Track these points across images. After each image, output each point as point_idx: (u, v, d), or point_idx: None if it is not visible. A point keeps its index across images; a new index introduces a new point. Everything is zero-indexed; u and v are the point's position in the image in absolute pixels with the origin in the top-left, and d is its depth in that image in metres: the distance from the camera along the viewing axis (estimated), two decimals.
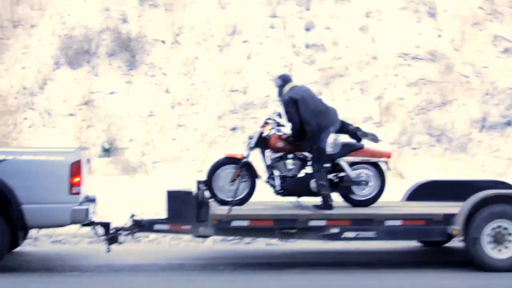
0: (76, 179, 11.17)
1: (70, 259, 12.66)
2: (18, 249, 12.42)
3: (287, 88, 12.18)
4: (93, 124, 19.92)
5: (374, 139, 12.52)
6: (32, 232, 12.93)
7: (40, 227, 12.17)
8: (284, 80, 12.40)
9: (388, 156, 12.73)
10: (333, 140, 12.09)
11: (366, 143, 12.47)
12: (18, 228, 11.46)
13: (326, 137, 11.83)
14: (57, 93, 20.75)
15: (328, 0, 22.76)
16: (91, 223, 11.91)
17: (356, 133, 12.36)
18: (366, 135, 12.37)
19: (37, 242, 13.82)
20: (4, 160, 11.13)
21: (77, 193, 11.21)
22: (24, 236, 12.11)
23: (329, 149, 11.92)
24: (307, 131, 11.86)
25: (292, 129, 12.03)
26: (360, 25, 22.11)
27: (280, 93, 12.25)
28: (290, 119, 12.02)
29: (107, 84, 20.94)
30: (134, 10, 22.43)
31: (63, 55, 21.53)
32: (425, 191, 13.54)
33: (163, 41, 21.87)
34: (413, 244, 13.56)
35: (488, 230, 11.13)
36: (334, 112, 12.23)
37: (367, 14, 22.34)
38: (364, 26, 22.10)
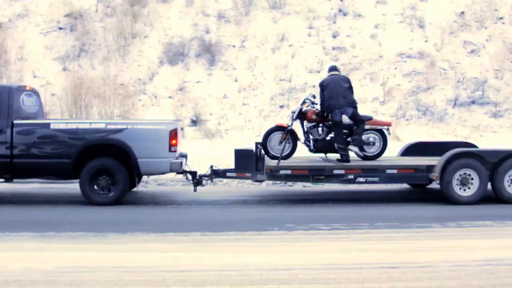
0: (174, 141, 11.24)
1: (169, 196, 12.75)
2: (134, 189, 12.52)
3: (327, 75, 12.30)
4: (185, 104, 19.94)
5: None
6: (144, 178, 13.02)
7: (149, 174, 12.29)
8: (329, 69, 12.46)
9: (389, 124, 12.64)
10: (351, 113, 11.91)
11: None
12: (135, 175, 11.60)
13: (335, 115, 11.68)
14: (161, 82, 20.80)
15: (348, 16, 22.49)
16: (184, 172, 12.00)
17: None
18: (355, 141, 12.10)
19: (147, 185, 13.92)
20: (126, 128, 11.25)
21: (174, 151, 11.29)
22: (139, 180, 12.23)
23: (347, 121, 11.79)
24: (324, 109, 11.92)
25: (320, 105, 12.09)
26: (371, 33, 21.81)
27: None
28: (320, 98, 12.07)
29: (195, 76, 20.92)
30: (214, 25, 22.35)
31: (165, 56, 21.54)
32: (414, 149, 13.41)
33: (233, 46, 21.76)
34: (405, 186, 13.44)
35: (457, 176, 11.18)
36: (347, 100, 11.84)
37: (375, 26, 22.03)
38: (373, 34, 21.79)
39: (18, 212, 10.64)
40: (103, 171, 11.18)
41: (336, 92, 11.80)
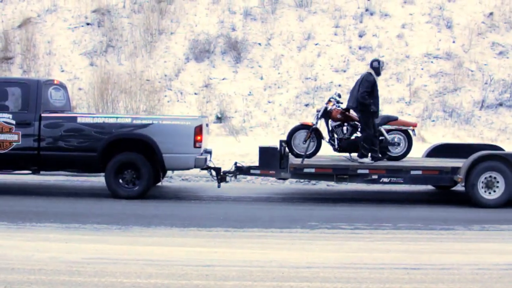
0: (199, 137, 11.29)
1: (193, 191, 12.82)
2: (159, 184, 12.60)
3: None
4: (211, 100, 20.02)
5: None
6: (168, 173, 13.10)
7: (174, 169, 12.36)
8: (380, 64, 12.22)
9: (414, 125, 12.59)
10: None
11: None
12: (160, 170, 11.68)
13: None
14: (187, 79, 20.90)
15: (375, 16, 22.40)
16: (208, 168, 12.07)
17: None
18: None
19: (171, 180, 14.03)
20: (152, 123, 11.33)
21: (199, 147, 11.35)
22: (163, 175, 12.30)
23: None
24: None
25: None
26: (397, 33, 21.70)
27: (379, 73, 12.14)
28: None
29: (221, 73, 20.99)
30: (240, 22, 22.41)
31: (191, 53, 21.64)
32: (439, 150, 13.33)
33: (259, 44, 21.79)
34: (429, 187, 13.37)
35: (482, 179, 11.09)
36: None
37: (402, 26, 21.91)
38: (400, 34, 21.68)
39: (44, 203, 10.78)
40: (128, 165, 11.29)
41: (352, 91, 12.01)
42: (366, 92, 11.60)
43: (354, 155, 12.26)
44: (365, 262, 6.96)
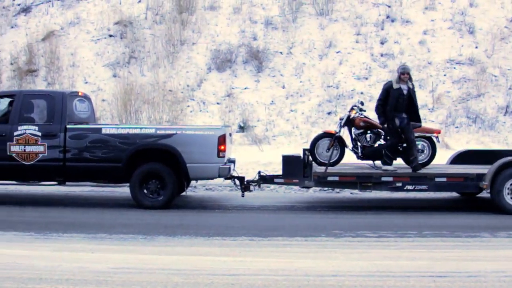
0: (222, 147, 11.34)
1: (217, 201, 12.86)
2: (183, 193, 12.66)
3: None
4: (233, 110, 20.08)
5: None
6: (192, 183, 13.15)
7: (198, 179, 12.44)
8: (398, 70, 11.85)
9: (438, 132, 12.55)
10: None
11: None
12: (184, 179, 11.74)
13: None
14: (209, 89, 21.00)
15: (396, 23, 22.37)
16: (232, 177, 12.09)
17: None
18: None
19: (195, 189, 14.08)
20: (175, 133, 11.40)
21: (223, 156, 11.38)
22: (188, 185, 12.35)
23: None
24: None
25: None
26: (419, 40, 21.65)
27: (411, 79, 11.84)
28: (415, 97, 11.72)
29: (243, 82, 21.07)
30: (261, 31, 22.49)
31: (213, 63, 21.75)
32: (464, 157, 13.22)
33: (281, 52, 21.84)
34: (454, 194, 13.28)
35: (508, 185, 11.01)
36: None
37: (424, 32, 21.86)
38: (422, 40, 21.62)
39: (70, 214, 10.88)
40: (152, 175, 11.37)
41: None
42: (379, 100, 11.68)
43: (378, 162, 12.24)
44: (390, 270, 6.94)
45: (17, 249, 8.00)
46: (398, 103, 11.47)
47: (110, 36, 22.94)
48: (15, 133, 11.51)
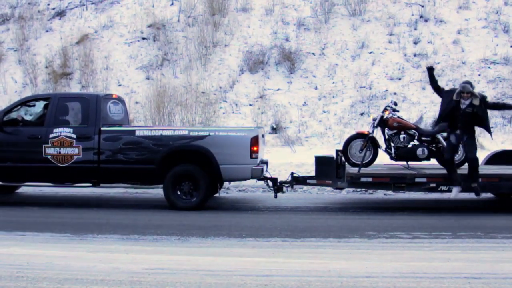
0: (255, 148, 11.37)
1: (250, 202, 12.89)
2: (216, 195, 12.72)
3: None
4: (265, 111, 20.11)
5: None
6: (225, 184, 13.20)
7: (231, 180, 12.43)
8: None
9: None
10: (433, 121, 11.76)
11: None
12: (217, 181, 11.79)
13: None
14: (241, 90, 21.06)
15: (430, 22, 22.19)
16: (264, 178, 12.12)
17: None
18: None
19: (228, 191, 14.13)
20: (208, 135, 11.45)
21: (256, 158, 11.42)
22: (221, 186, 12.40)
23: (430, 128, 11.66)
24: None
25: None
26: (453, 39, 21.44)
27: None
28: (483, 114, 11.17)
29: (275, 84, 21.09)
30: (293, 33, 22.49)
31: (245, 64, 21.80)
32: (499, 157, 13.10)
33: (313, 54, 21.81)
34: (489, 195, 13.12)
35: None
36: None
37: (458, 32, 21.64)
38: (456, 39, 21.41)
39: (105, 215, 11.00)
40: (186, 177, 11.44)
41: None
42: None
43: (411, 163, 12.17)
44: (424, 272, 6.89)
45: (53, 250, 8.13)
46: (454, 116, 11.12)
47: (143, 39, 23.15)
48: (51, 136, 11.69)
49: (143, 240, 8.78)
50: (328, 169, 11.70)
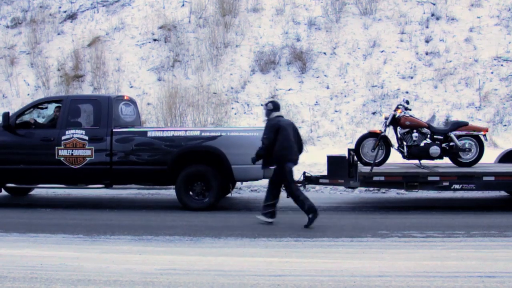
0: None
1: (262, 202, 12.85)
2: (228, 195, 12.73)
3: (275, 114, 10.28)
4: None
5: None
6: (237, 184, 13.21)
7: (243, 180, 12.46)
8: (275, 107, 10.40)
9: (485, 130, 12.32)
10: (445, 119, 11.72)
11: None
12: (229, 181, 11.80)
13: (288, 167, 9.97)
14: (253, 90, 21.06)
15: (441, 20, 22.08)
16: None
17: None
18: None
19: (240, 191, 14.15)
20: (220, 135, 11.47)
21: None
22: (233, 187, 12.41)
23: (442, 127, 11.61)
24: (275, 155, 9.99)
25: (263, 147, 10.06)
26: (465, 37, 21.32)
27: (268, 115, 10.33)
28: (267, 138, 9.99)
29: (286, 83, 21.07)
30: (304, 32, 22.46)
31: (257, 65, 21.79)
32: None
33: (324, 53, 21.77)
34: (502, 193, 13.06)
35: None
36: (295, 151, 10.28)
37: (470, 29, 21.52)
38: (468, 37, 21.29)
39: (117, 216, 11.05)
40: (198, 177, 11.45)
41: (290, 142, 10.16)
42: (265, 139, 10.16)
43: (424, 162, 12.13)
44: (438, 271, 6.86)
45: (66, 251, 8.16)
46: None
47: (155, 40, 23.20)
48: (63, 138, 11.74)
49: (156, 240, 8.79)
50: (340, 169, 11.68)
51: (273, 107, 10.36)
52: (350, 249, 8.13)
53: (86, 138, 11.71)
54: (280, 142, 9.94)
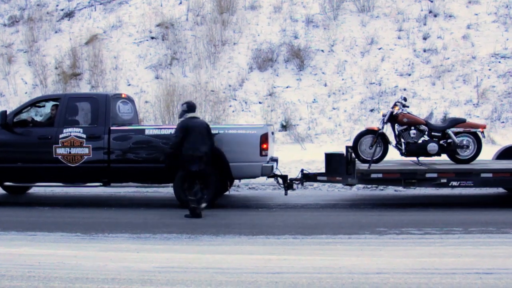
0: (265, 146, 11.37)
1: (260, 199, 12.90)
2: (226, 193, 12.73)
3: (189, 115, 10.79)
4: (275, 109, 20.09)
5: None
6: (235, 182, 13.21)
7: (241, 178, 12.44)
8: (189, 108, 10.90)
9: (483, 127, 12.32)
10: (443, 116, 11.72)
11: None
12: (227, 179, 11.80)
13: (192, 165, 10.46)
14: (251, 88, 21.05)
15: (439, 17, 22.07)
16: (274, 175, 12.12)
17: None
18: None
19: (238, 189, 14.14)
20: (217, 133, 11.45)
21: (265, 155, 11.42)
22: (231, 184, 12.42)
23: (440, 124, 11.62)
24: (183, 153, 10.53)
25: (171, 146, 10.73)
26: (463, 34, 21.32)
27: (181, 116, 10.96)
28: (175, 137, 10.64)
29: (284, 81, 21.06)
30: (302, 30, 22.44)
31: (254, 62, 21.78)
32: (510, 152, 13.02)
33: (322, 50, 21.75)
34: (500, 190, 13.07)
35: None
36: (203, 151, 10.59)
37: (468, 26, 21.52)
38: (466, 34, 21.29)
39: (115, 214, 11.05)
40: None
41: (200, 142, 10.59)
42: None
43: (422, 159, 12.14)
44: (436, 267, 6.86)
45: (64, 249, 8.16)
46: None
47: (152, 38, 23.17)
48: (61, 136, 11.73)
49: (154, 238, 8.80)
50: (338, 166, 11.68)
51: (187, 108, 10.91)
52: (348, 247, 8.13)
53: (84, 136, 11.69)
54: (188, 142, 10.50)
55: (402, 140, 12.02)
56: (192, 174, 10.62)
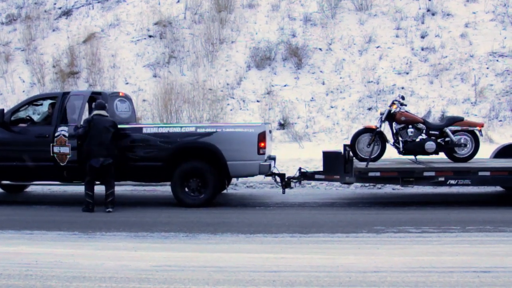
0: (262, 144, 11.36)
1: (258, 198, 12.89)
2: (224, 191, 12.72)
3: (97, 112, 11.32)
4: (273, 107, 20.08)
5: None
6: (233, 180, 13.20)
7: (238, 176, 12.44)
8: (97, 106, 11.47)
9: (481, 126, 12.32)
10: (441, 114, 11.72)
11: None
12: (225, 177, 11.78)
13: (92, 160, 11.08)
14: (248, 86, 21.03)
15: (437, 16, 22.08)
16: (272, 174, 12.13)
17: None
18: None
19: (236, 187, 14.14)
20: (216, 131, 11.45)
21: (263, 154, 11.41)
22: (228, 183, 12.40)
23: (438, 122, 11.62)
24: (84, 150, 11.29)
25: (76, 136, 11.51)
26: (461, 33, 21.33)
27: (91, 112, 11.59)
28: (80, 129, 11.36)
29: (282, 79, 21.04)
30: (300, 28, 22.43)
31: (252, 61, 21.77)
32: (508, 151, 13.06)
33: (320, 49, 21.75)
34: (498, 189, 13.07)
35: None
36: (103, 148, 11.14)
37: (466, 25, 21.53)
38: (463, 33, 21.30)
39: (112, 213, 11.03)
40: (193, 174, 11.44)
41: (104, 139, 11.19)
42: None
43: (420, 157, 12.14)
44: (433, 266, 6.86)
45: (61, 248, 8.15)
46: None
47: (150, 36, 23.15)
48: (56, 134, 11.68)
49: (151, 237, 8.79)
50: (336, 164, 11.67)
51: (94, 106, 11.59)
52: (346, 245, 8.12)
53: (67, 135, 11.61)
54: (89, 138, 11.13)
55: (400, 138, 12.02)
56: (92, 168, 11.08)
